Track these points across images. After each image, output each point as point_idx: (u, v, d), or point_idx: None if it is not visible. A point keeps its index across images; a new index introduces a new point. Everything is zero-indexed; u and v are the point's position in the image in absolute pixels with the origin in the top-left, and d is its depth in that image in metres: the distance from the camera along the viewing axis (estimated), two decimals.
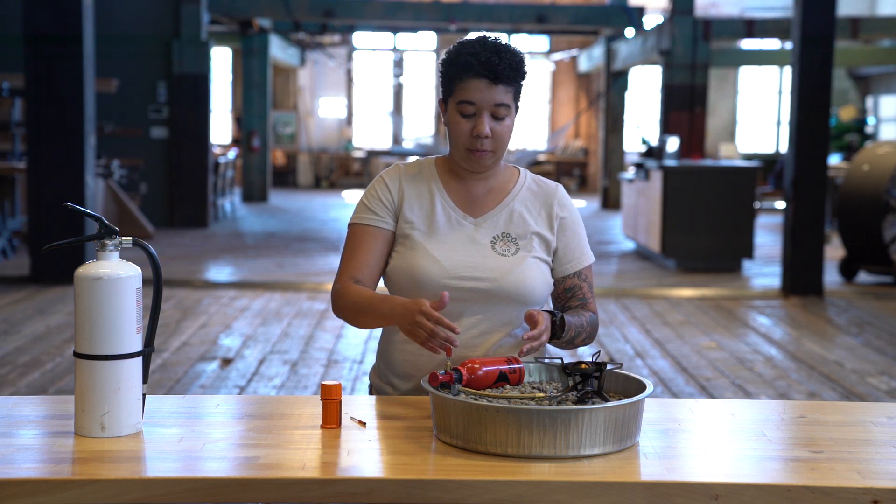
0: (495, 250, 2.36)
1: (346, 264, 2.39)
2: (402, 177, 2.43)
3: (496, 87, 2.29)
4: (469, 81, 2.30)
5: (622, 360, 6.34)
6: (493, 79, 2.29)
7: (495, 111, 2.31)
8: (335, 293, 2.37)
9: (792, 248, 8.79)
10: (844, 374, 6.10)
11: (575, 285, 2.43)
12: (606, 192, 17.80)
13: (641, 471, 1.88)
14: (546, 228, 2.41)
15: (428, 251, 2.35)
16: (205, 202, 13.76)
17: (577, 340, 2.36)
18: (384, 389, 2.44)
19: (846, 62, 18.16)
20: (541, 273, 2.37)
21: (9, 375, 5.73)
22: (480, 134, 2.30)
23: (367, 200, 2.42)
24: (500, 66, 2.28)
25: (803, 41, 8.67)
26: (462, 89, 2.31)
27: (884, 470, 1.91)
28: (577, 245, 2.43)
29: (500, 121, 2.32)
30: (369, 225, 2.40)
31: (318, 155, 22.83)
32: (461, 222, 2.39)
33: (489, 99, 2.30)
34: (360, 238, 2.40)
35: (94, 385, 2.01)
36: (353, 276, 2.37)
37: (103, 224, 2.03)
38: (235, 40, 17.93)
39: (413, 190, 2.42)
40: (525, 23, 16.29)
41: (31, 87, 8.47)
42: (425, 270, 2.33)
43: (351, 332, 7.08)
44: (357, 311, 2.32)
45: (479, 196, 2.42)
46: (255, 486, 1.82)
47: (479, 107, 2.30)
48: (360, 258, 2.38)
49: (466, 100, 2.31)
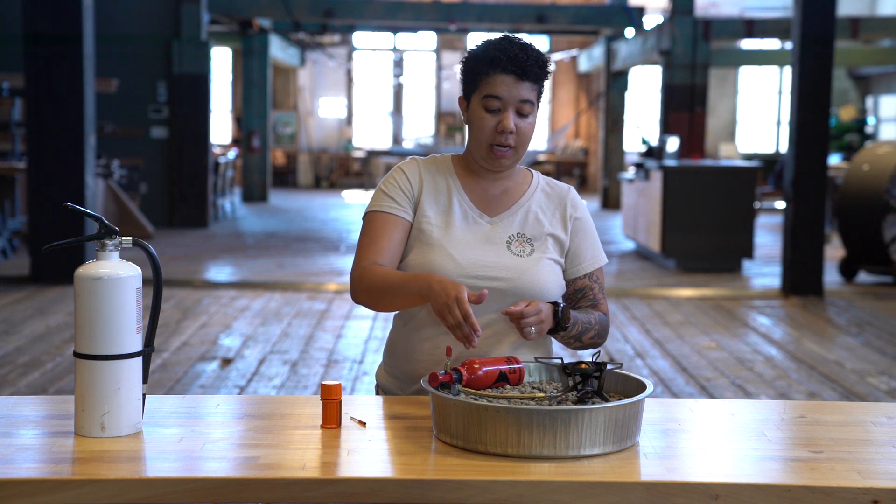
0: (511, 250, 2.35)
1: (365, 250, 2.35)
2: (422, 169, 2.42)
3: (522, 83, 2.29)
4: (496, 76, 2.29)
5: (622, 360, 6.34)
6: (520, 74, 2.29)
7: (520, 107, 2.31)
8: (356, 276, 2.32)
9: (792, 248, 8.80)
10: (844, 374, 6.10)
11: (586, 286, 2.42)
12: (606, 192, 17.80)
13: (641, 471, 1.88)
14: (561, 229, 2.41)
15: (445, 248, 2.33)
16: (205, 202, 13.76)
17: (584, 338, 2.35)
18: (392, 388, 2.42)
19: (846, 62, 18.16)
20: (555, 274, 2.36)
21: (9, 375, 5.73)
22: (506, 129, 2.30)
23: (387, 189, 2.39)
24: (528, 63, 2.29)
25: (803, 41, 8.67)
26: (488, 84, 2.30)
27: (884, 470, 1.91)
28: (589, 246, 2.43)
29: (525, 118, 2.32)
30: (389, 213, 2.36)
31: (318, 155, 22.83)
32: (477, 221, 2.38)
33: (515, 94, 2.29)
34: (380, 226, 2.36)
35: (94, 385, 2.01)
36: (373, 261, 2.32)
37: (103, 224, 2.03)
38: (235, 40, 17.93)
39: (431, 184, 2.40)
40: (525, 23, 16.28)
41: (31, 87, 8.47)
42: (442, 268, 2.30)
43: (351, 332, 7.08)
44: (384, 290, 2.27)
45: (495, 196, 2.41)
46: (255, 486, 1.82)
47: (505, 102, 2.30)
48: (381, 244, 2.34)
49: (493, 94, 2.30)
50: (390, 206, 2.37)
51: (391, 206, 2.37)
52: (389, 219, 2.36)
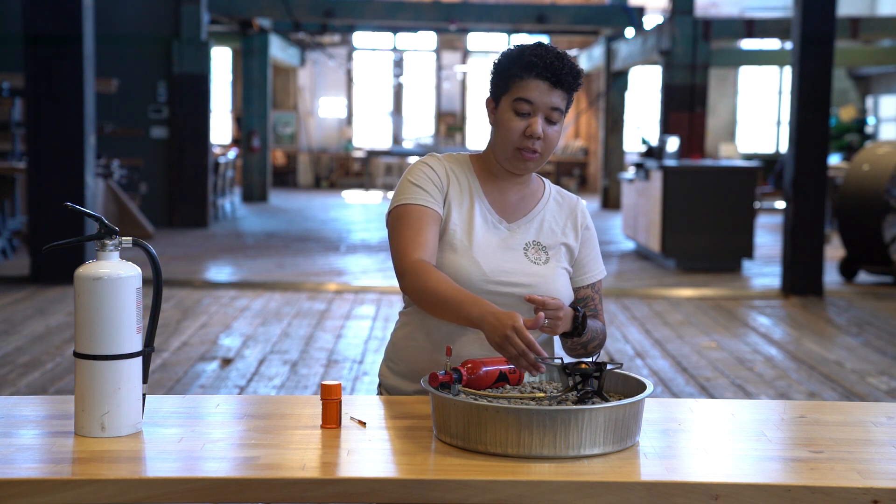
0: (528, 257, 2.35)
1: (411, 242, 2.26)
2: (448, 166, 2.40)
3: (555, 90, 2.29)
4: (530, 81, 2.29)
5: (622, 360, 6.34)
6: (554, 82, 2.28)
7: (550, 115, 2.30)
8: (413, 267, 2.23)
9: (792, 248, 8.79)
10: (844, 374, 6.10)
11: (588, 296, 2.44)
12: (606, 192, 17.80)
13: (641, 471, 1.88)
14: (573, 239, 2.42)
15: (469, 252, 2.32)
16: (205, 202, 13.76)
17: (590, 346, 2.35)
18: (396, 387, 2.42)
19: (846, 62, 18.16)
20: (567, 283, 2.38)
21: (9, 375, 5.73)
22: (534, 134, 2.29)
23: (417, 181, 2.34)
24: (563, 71, 2.29)
25: (803, 41, 8.67)
26: (521, 87, 2.29)
27: (884, 470, 1.91)
28: (594, 257, 2.46)
29: (553, 125, 2.31)
30: (426, 206, 2.31)
31: (318, 155, 22.83)
32: (497, 226, 2.38)
33: (547, 101, 2.29)
34: (419, 218, 2.29)
35: (94, 385, 2.01)
36: (421, 256, 2.25)
37: (103, 224, 2.03)
38: (235, 40, 17.93)
39: (456, 183, 2.39)
40: (525, 23, 16.28)
41: (31, 87, 8.47)
42: (465, 272, 2.29)
43: (351, 332, 7.09)
44: (438, 300, 2.18)
45: (513, 201, 2.41)
46: (255, 486, 1.82)
47: (536, 107, 2.29)
48: (424, 237, 2.27)
49: (525, 98, 2.29)
50: (426, 199, 2.33)
51: (426, 199, 2.33)
52: (426, 212, 2.31)
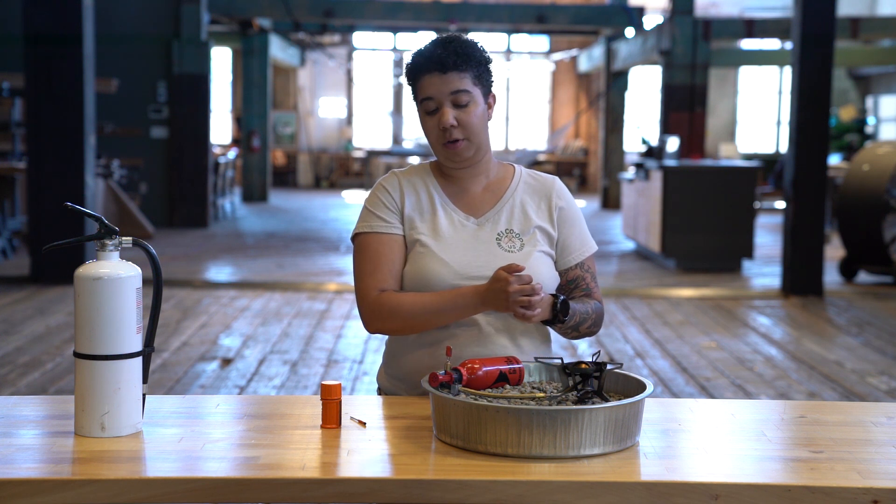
0: (501, 247, 2.36)
1: (369, 277, 2.33)
2: (401, 181, 2.42)
3: (446, 75, 2.32)
4: (423, 79, 2.34)
5: (622, 360, 6.33)
6: (440, 69, 2.32)
7: (455, 99, 2.33)
8: (372, 306, 2.30)
9: (792, 248, 8.79)
10: (844, 374, 6.10)
11: (578, 276, 2.43)
12: (606, 192, 17.80)
13: (641, 471, 1.88)
14: (547, 221, 2.41)
15: (435, 254, 2.33)
16: (205, 202, 13.76)
17: (582, 328, 2.35)
18: (393, 391, 2.42)
19: (846, 62, 18.15)
20: (547, 266, 2.37)
21: (9, 375, 5.73)
22: (445, 125, 2.32)
23: (373, 208, 2.39)
24: (445, 55, 2.32)
25: (803, 41, 8.67)
26: (420, 89, 2.36)
27: (884, 470, 1.91)
28: (577, 235, 2.44)
29: (464, 108, 2.33)
30: (381, 233, 2.36)
31: (318, 155, 22.83)
32: (464, 223, 2.39)
33: (444, 89, 2.32)
34: (377, 248, 2.35)
35: (94, 385, 2.01)
36: (381, 287, 2.31)
37: (103, 224, 2.03)
38: (235, 40, 17.93)
39: (413, 194, 2.41)
40: (525, 23, 16.28)
41: (31, 87, 8.47)
42: (435, 273, 2.31)
43: (351, 332, 7.09)
44: (417, 316, 2.26)
45: (477, 196, 2.42)
46: (255, 486, 1.82)
47: (438, 99, 2.33)
48: (383, 269, 2.33)
49: (425, 96, 2.34)
50: (380, 225, 2.37)
51: (381, 224, 2.37)
52: (383, 239, 2.36)
